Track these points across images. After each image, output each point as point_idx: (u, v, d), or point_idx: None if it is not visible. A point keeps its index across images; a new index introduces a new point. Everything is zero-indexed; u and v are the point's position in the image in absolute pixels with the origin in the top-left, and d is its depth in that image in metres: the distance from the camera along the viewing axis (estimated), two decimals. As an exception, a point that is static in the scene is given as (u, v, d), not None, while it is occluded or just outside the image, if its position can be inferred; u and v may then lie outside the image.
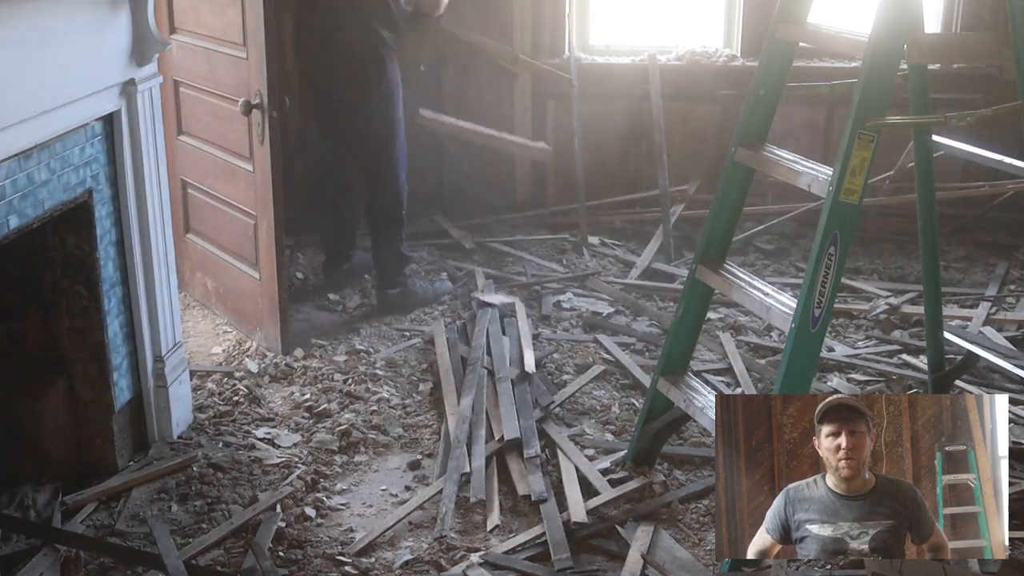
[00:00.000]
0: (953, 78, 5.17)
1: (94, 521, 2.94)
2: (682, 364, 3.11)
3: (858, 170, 2.52)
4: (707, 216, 3.02)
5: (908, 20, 2.57)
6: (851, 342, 4.16)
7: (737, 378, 3.79)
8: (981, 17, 5.12)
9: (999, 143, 3.96)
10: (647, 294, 4.59)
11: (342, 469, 3.26)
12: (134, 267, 3.15)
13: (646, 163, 5.50)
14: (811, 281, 2.56)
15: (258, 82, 3.63)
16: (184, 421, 3.41)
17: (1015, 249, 5.06)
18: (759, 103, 2.90)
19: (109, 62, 2.91)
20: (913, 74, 3.13)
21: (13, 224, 2.57)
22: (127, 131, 3.05)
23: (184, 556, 2.74)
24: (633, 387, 3.77)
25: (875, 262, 4.98)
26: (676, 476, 3.20)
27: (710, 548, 2.86)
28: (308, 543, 2.87)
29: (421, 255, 4.93)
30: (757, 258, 5.01)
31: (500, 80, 5.43)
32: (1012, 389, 3.69)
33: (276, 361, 3.88)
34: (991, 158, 3.31)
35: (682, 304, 3.06)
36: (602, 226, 5.30)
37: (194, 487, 3.10)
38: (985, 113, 3.10)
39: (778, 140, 3.03)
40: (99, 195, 2.97)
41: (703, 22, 5.58)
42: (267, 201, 3.77)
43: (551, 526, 2.88)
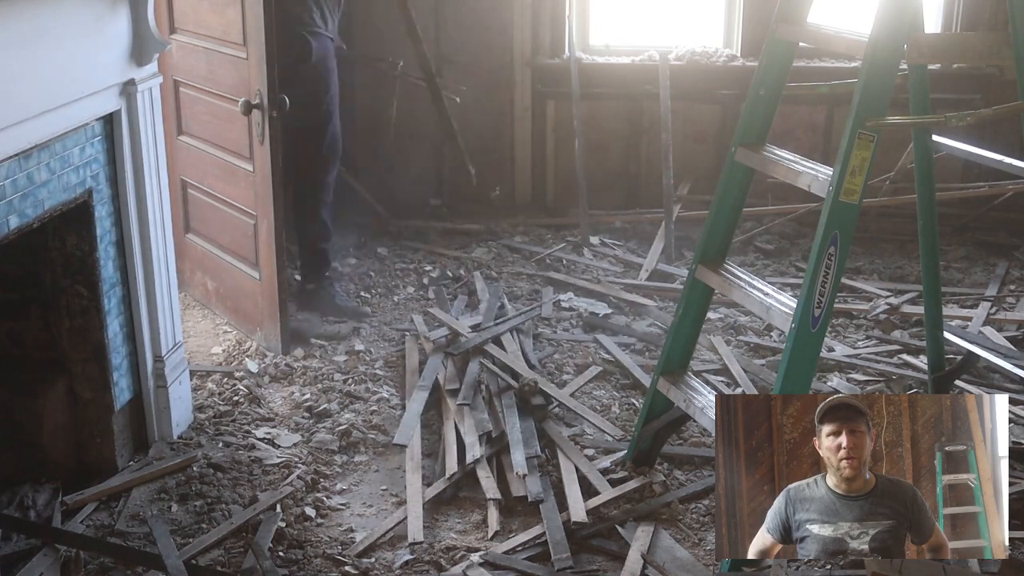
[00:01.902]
0: (953, 78, 5.18)
1: (94, 521, 2.94)
2: (682, 364, 3.11)
3: (858, 170, 2.52)
4: (707, 216, 3.02)
5: (908, 20, 2.57)
6: (851, 342, 4.16)
7: (736, 379, 3.79)
8: (981, 17, 5.12)
9: (999, 143, 3.97)
10: (648, 294, 4.59)
11: (342, 469, 3.26)
12: (134, 267, 3.15)
13: (646, 163, 5.51)
14: (811, 281, 2.56)
15: (258, 82, 3.63)
16: (184, 421, 3.41)
17: (1015, 249, 5.06)
18: (759, 103, 2.90)
19: (109, 62, 2.92)
20: (913, 74, 3.12)
21: (13, 224, 2.57)
22: (127, 131, 3.05)
23: (184, 556, 2.74)
24: (633, 387, 3.77)
25: (875, 262, 4.98)
26: (676, 476, 3.20)
27: (710, 548, 2.86)
28: (308, 543, 2.87)
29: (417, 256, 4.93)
30: (757, 258, 5.01)
31: (500, 80, 5.43)
32: (1012, 389, 3.68)
33: (276, 361, 3.88)
34: (991, 158, 3.31)
35: (682, 304, 3.06)
36: (602, 226, 5.31)
37: (194, 487, 3.10)
38: (985, 113, 3.11)
39: (778, 140, 3.03)
40: (99, 195, 2.97)
41: (703, 22, 5.58)
42: (267, 201, 3.77)
43: (551, 526, 2.88)
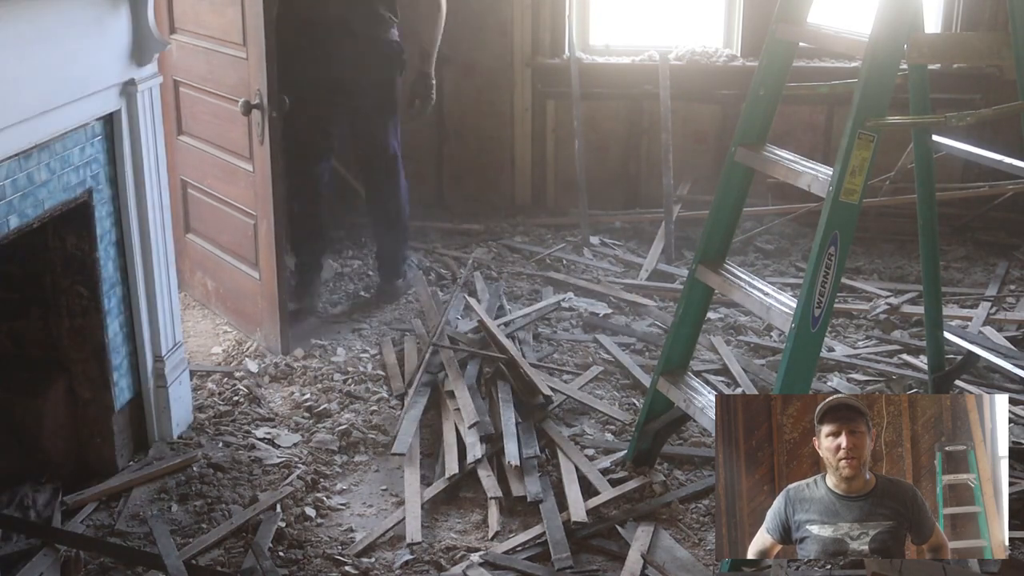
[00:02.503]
0: (953, 78, 5.18)
1: (94, 521, 2.94)
2: (682, 364, 3.11)
3: (858, 170, 2.52)
4: (707, 216, 3.02)
5: (908, 20, 2.57)
6: (851, 342, 4.16)
7: (736, 379, 3.79)
8: (981, 17, 5.12)
9: (999, 143, 3.97)
10: (648, 294, 4.59)
11: (342, 469, 3.26)
12: (134, 267, 3.15)
13: (646, 163, 5.51)
14: (811, 281, 2.56)
15: (258, 82, 3.63)
16: (184, 421, 3.41)
17: (1015, 249, 5.06)
18: (759, 103, 2.90)
19: (109, 62, 2.91)
20: (913, 74, 3.12)
21: (13, 224, 2.57)
22: (127, 131, 3.04)
23: (184, 556, 2.74)
24: (633, 387, 3.77)
25: (875, 262, 4.98)
26: (676, 476, 3.20)
27: (710, 548, 2.86)
28: (308, 543, 2.87)
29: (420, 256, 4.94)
30: (757, 258, 5.01)
31: (500, 80, 5.43)
32: (1012, 389, 3.68)
33: (276, 361, 3.88)
34: (991, 158, 3.31)
35: (682, 304, 3.06)
36: (602, 226, 5.30)
37: (194, 487, 3.10)
38: (985, 113, 3.11)
39: (778, 140, 3.03)
40: (99, 195, 2.97)
41: (703, 22, 5.58)
42: (267, 201, 3.77)
43: (551, 526, 2.88)
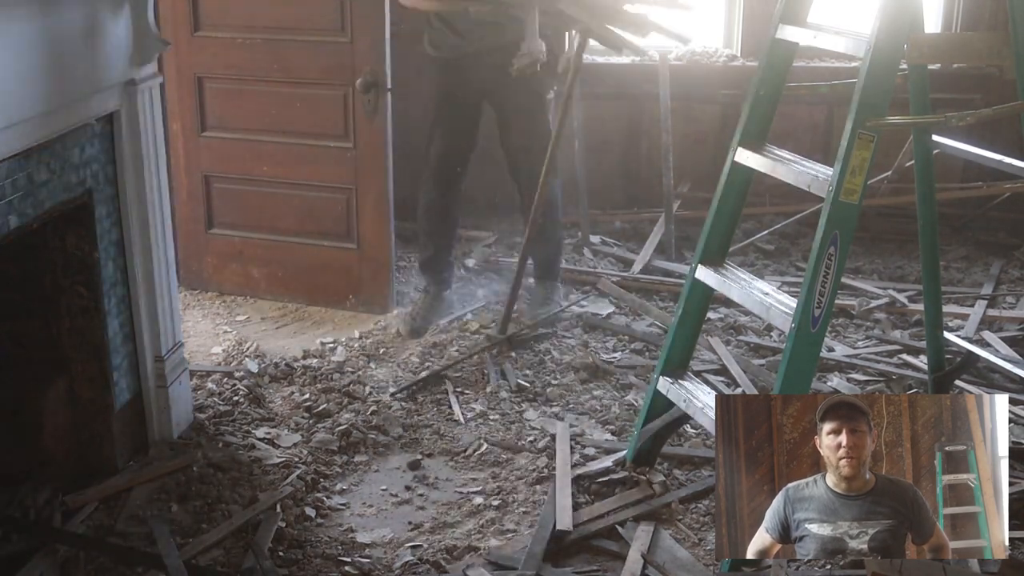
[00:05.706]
0: (953, 78, 5.17)
1: (94, 521, 2.94)
2: (682, 364, 3.11)
3: (858, 170, 2.52)
4: (707, 216, 3.02)
5: (908, 20, 2.57)
6: (851, 342, 4.16)
7: (736, 379, 3.79)
8: (981, 17, 5.12)
9: (999, 143, 3.97)
10: (647, 289, 4.58)
11: (342, 469, 3.26)
12: (134, 267, 3.15)
13: (646, 163, 5.50)
14: (811, 281, 2.56)
15: (370, 62, 3.96)
16: (184, 421, 3.41)
17: (1015, 249, 5.06)
18: (759, 103, 2.90)
19: (109, 62, 2.91)
20: (913, 74, 3.12)
21: (13, 224, 2.57)
22: (127, 131, 3.04)
23: (184, 556, 2.74)
24: (633, 387, 3.77)
25: (875, 262, 4.98)
26: (676, 476, 3.20)
27: (710, 548, 2.85)
28: (308, 543, 2.87)
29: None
30: (757, 258, 5.01)
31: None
32: (1012, 389, 3.69)
33: (276, 361, 3.88)
34: (991, 158, 3.31)
35: (682, 304, 3.06)
36: (602, 226, 5.30)
37: (194, 487, 3.09)
38: (985, 113, 3.10)
39: (778, 140, 3.03)
40: (99, 195, 2.97)
41: (703, 22, 5.58)
42: (379, 173, 4.11)
43: (548, 526, 2.88)
